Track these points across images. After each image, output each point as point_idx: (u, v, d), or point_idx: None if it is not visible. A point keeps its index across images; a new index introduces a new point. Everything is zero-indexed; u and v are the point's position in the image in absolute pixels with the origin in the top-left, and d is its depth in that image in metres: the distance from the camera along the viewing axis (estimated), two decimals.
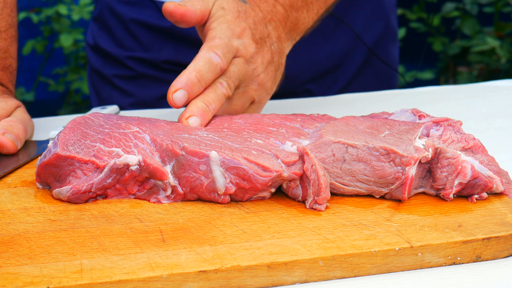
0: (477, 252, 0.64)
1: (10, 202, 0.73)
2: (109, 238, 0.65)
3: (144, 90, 1.29)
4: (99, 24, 1.31)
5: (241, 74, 0.86)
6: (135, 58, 1.28)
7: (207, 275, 0.59)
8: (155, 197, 0.73)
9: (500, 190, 0.73)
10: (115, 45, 1.29)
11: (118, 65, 1.29)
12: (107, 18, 1.30)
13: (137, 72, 1.28)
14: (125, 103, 1.29)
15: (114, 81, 1.30)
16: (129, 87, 1.30)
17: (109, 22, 1.29)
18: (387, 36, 1.36)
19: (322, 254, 0.62)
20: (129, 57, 1.28)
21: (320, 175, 0.70)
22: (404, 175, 0.71)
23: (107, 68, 1.30)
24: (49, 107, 3.08)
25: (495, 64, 2.93)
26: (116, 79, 1.30)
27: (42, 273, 0.59)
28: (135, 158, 0.72)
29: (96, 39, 1.32)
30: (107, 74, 1.31)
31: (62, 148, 0.72)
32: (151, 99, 1.28)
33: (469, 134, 0.76)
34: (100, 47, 1.31)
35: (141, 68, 1.28)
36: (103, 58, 1.32)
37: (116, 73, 1.30)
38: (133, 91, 1.29)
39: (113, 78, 1.30)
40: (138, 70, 1.28)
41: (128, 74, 1.29)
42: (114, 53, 1.29)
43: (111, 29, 1.29)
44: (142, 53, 1.27)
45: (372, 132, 0.76)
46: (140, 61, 1.28)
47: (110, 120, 0.78)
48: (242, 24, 0.87)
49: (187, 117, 0.80)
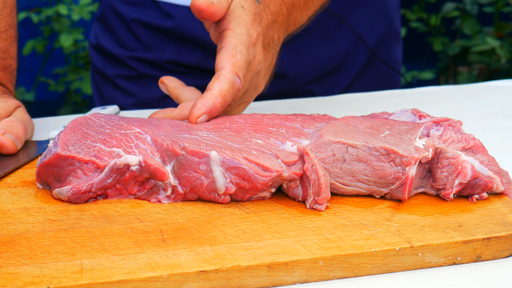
0: (478, 252, 0.64)
1: (10, 202, 0.73)
2: (109, 238, 0.65)
3: (146, 90, 1.29)
4: (101, 24, 1.32)
5: (248, 83, 0.87)
6: (137, 58, 1.28)
7: (207, 275, 0.59)
8: (155, 197, 0.73)
9: (500, 190, 0.73)
10: (117, 45, 1.29)
11: (120, 65, 1.30)
12: (110, 18, 1.30)
13: (139, 72, 1.28)
14: (127, 103, 1.30)
15: (116, 81, 1.30)
16: (131, 87, 1.30)
17: (111, 22, 1.30)
18: (390, 37, 1.36)
19: (323, 254, 0.62)
20: (131, 57, 1.28)
21: (320, 175, 0.70)
22: (404, 175, 0.71)
23: (109, 68, 1.30)
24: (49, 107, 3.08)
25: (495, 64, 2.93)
26: (118, 79, 1.30)
27: (42, 273, 0.59)
28: (136, 158, 0.72)
29: (98, 39, 1.33)
30: (109, 74, 1.31)
31: (62, 148, 0.72)
32: (153, 99, 1.28)
33: (469, 134, 0.76)
34: (103, 47, 1.31)
35: (143, 68, 1.28)
36: (105, 58, 1.32)
37: (118, 73, 1.30)
38: (135, 91, 1.30)
39: (115, 78, 1.30)
40: (140, 70, 1.28)
41: (130, 74, 1.29)
42: (116, 53, 1.29)
43: (114, 29, 1.29)
44: (144, 53, 1.27)
45: (372, 132, 0.76)
46: (142, 61, 1.28)
47: (112, 121, 0.78)
48: (258, 29, 0.87)
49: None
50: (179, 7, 1.24)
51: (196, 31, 1.23)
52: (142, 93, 1.29)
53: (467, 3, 3.03)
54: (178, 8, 1.24)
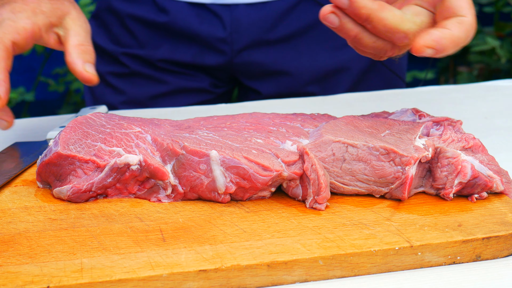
0: (477, 252, 0.65)
1: (11, 201, 0.73)
2: (109, 237, 0.65)
3: (136, 88, 1.29)
4: (96, 21, 1.32)
5: None
6: (130, 55, 1.28)
7: (207, 274, 0.59)
8: (155, 196, 0.73)
9: (500, 189, 0.73)
10: (111, 42, 1.29)
11: (113, 62, 1.30)
12: (105, 15, 1.30)
13: (131, 69, 1.28)
14: (117, 101, 1.29)
15: (107, 79, 1.30)
16: (121, 85, 1.30)
17: (106, 19, 1.30)
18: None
19: (322, 253, 0.62)
20: (124, 54, 1.28)
21: (320, 175, 0.70)
22: (404, 174, 0.71)
23: (102, 65, 1.30)
24: (49, 107, 3.07)
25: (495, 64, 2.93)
26: (109, 76, 1.30)
27: (42, 272, 0.59)
28: (136, 157, 0.72)
29: (93, 36, 1.33)
30: (101, 72, 1.31)
31: (63, 147, 0.72)
32: (143, 98, 1.28)
33: (469, 134, 0.77)
34: (97, 44, 1.31)
35: (135, 65, 1.28)
36: (99, 55, 1.32)
37: (110, 70, 1.30)
38: (125, 89, 1.29)
39: (107, 75, 1.30)
40: (132, 68, 1.28)
41: (122, 72, 1.29)
42: (110, 50, 1.29)
43: (108, 25, 1.29)
44: (137, 50, 1.27)
45: (372, 131, 0.76)
46: (135, 58, 1.28)
47: (112, 120, 0.78)
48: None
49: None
50: (174, 1, 1.23)
51: (191, 26, 1.23)
52: (133, 91, 1.29)
53: None
54: (173, 3, 1.23)
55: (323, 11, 0.75)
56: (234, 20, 1.22)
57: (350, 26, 0.75)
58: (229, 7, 1.22)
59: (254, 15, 1.23)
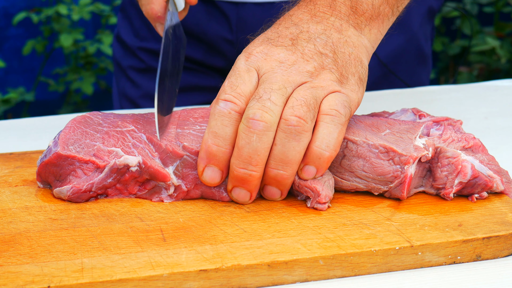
0: (477, 251, 0.65)
1: (11, 201, 0.73)
2: (109, 237, 0.65)
3: (151, 82, 1.28)
4: (122, 14, 1.32)
5: None
6: (147, 50, 1.27)
7: (207, 274, 0.59)
8: (157, 197, 0.73)
9: (500, 189, 0.73)
10: (132, 35, 1.29)
11: (133, 56, 1.30)
12: (128, 7, 1.30)
13: (147, 64, 1.28)
14: (136, 95, 1.30)
15: (128, 72, 1.30)
16: (139, 79, 1.30)
17: (129, 12, 1.30)
18: (410, 55, 1.28)
19: (323, 253, 0.62)
20: (141, 48, 1.28)
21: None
22: (403, 173, 0.71)
23: (124, 59, 1.31)
24: (49, 107, 3.07)
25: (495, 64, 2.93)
26: (130, 70, 1.30)
27: (43, 272, 0.59)
28: (135, 159, 0.72)
29: (119, 29, 1.33)
30: (124, 65, 1.32)
31: (62, 148, 0.72)
32: None
33: (469, 134, 0.77)
34: (121, 38, 1.31)
35: (150, 60, 1.28)
36: (123, 49, 1.32)
37: (131, 64, 1.30)
38: (142, 83, 1.29)
39: (128, 69, 1.30)
40: (148, 63, 1.28)
41: (140, 66, 1.29)
42: (130, 43, 1.29)
43: (131, 18, 1.30)
44: (154, 44, 1.27)
45: (373, 130, 0.76)
46: (151, 52, 1.27)
47: (108, 119, 0.78)
48: None
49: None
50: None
51: (199, 22, 1.22)
52: (148, 85, 1.29)
53: (467, 3, 3.03)
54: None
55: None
56: (240, 19, 1.22)
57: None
58: (236, 5, 1.22)
59: (261, 15, 1.22)
